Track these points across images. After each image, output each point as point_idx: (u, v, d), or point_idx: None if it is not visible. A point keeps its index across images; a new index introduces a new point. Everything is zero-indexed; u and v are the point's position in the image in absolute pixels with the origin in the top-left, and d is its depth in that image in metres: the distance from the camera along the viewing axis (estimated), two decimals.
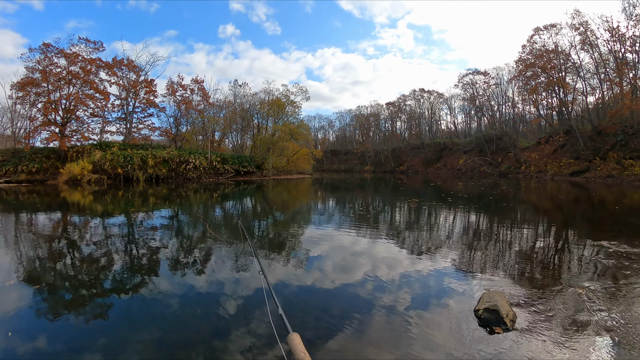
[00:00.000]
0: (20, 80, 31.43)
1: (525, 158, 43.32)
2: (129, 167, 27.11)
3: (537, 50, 41.55)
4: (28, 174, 28.57)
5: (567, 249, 6.15)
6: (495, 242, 6.56)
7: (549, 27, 40.58)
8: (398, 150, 69.04)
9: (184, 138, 40.89)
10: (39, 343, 2.83)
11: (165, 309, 3.53)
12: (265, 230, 8.26)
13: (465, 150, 55.85)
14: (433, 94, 67.72)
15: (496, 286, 3.98)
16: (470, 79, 56.91)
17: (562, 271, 4.74)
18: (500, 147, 49.75)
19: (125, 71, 37.22)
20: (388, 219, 9.76)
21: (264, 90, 46.88)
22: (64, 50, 31.37)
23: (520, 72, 44.36)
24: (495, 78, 55.69)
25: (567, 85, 40.44)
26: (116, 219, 10.67)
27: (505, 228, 8.18)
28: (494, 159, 49.22)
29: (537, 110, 47.58)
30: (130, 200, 15.36)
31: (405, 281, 4.28)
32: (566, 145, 38.40)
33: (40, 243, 6.82)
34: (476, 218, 9.65)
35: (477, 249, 5.94)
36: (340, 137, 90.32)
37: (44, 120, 31.19)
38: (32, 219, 10.48)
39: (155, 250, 6.11)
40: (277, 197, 17.30)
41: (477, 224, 8.66)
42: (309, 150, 45.29)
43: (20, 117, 39.50)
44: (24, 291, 4.06)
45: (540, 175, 37.75)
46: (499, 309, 3.04)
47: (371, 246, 6.24)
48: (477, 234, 7.44)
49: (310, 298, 3.81)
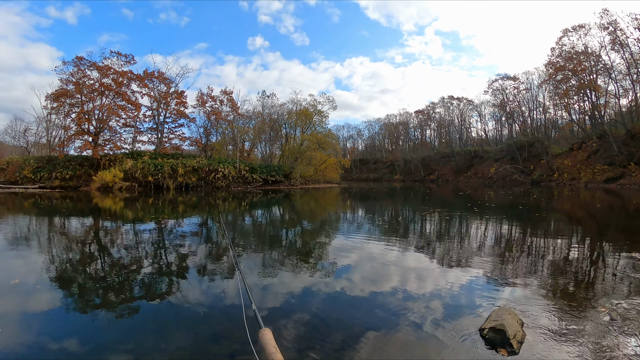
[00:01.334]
0: (55, 91, 32.44)
1: (557, 165, 41.58)
2: (160, 176, 27.35)
3: (566, 52, 40.09)
4: (62, 181, 29.33)
5: (597, 262, 5.54)
6: (520, 255, 6.01)
7: (578, 28, 39.15)
8: (428, 159, 67.70)
9: (213, 148, 41.21)
10: (66, 343, 2.83)
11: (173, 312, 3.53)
12: (292, 239, 7.98)
13: (496, 158, 54.32)
14: (462, 100, 66.54)
15: (514, 302, 3.63)
16: (500, 84, 55.41)
17: (588, 287, 4.22)
18: (532, 154, 48.13)
19: (156, 83, 37.99)
20: (411, 229, 9.21)
21: (292, 101, 46.91)
22: (97, 63, 32.29)
23: (550, 76, 42.88)
24: (525, 83, 54.06)
25: (599, 87, 38.77)
26: (146, 225, 10.46)
27: (533, 239, 7.56)
28: (525, 166, 47.52)
29: (568, 115, 45.78)
30: (159, 207, 15.18)
31: (415, 294, 3.96)
32: (599, 150, 36.57)
33: (72, 246, 6.85)
34: (503, 229, 9.00)
35: (499, 262, 5.43)
36: (369, 146, 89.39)
37: (78, 129, 32.01)
38: (65, 223, 10.44)
39: (181, 256, 6.02)
40: (304, 206, 16.75)
41: (503, 235, 8.05)
42: (336, 160, 44.54)
43: (54, 127, 40.72)
44: (54, 292, 4.11)
45: (573, 182, 36.13)
46: (505, 329, 2.75)
47: (391, 256, 5.81)
48: (502, 245, 6.90)
49: (311, 305, 3.65)
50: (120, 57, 34.14)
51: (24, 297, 3.93)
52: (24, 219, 11.47)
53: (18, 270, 5.08)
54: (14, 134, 55.24)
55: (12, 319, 3.34)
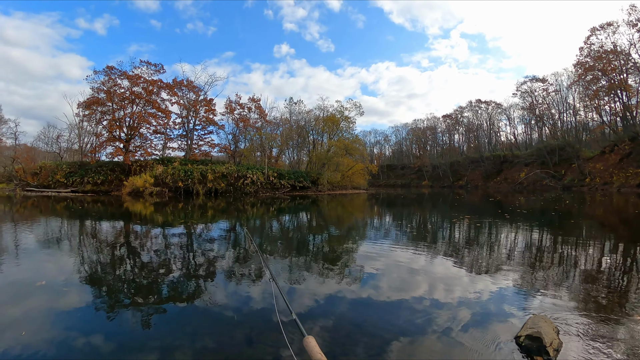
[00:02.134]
0: (87, 99, 33.44)
1: (589, 169, 39.52)
2: (189, 181, 27.47)
3: (595, 52, 38.22)
4: (93, 185, 30.08)
5: (632, 269, 5.30)
6: (552, 262, 5.73)
7: (606, 26, 37.27)
8: (456, 164, 65.84)
9: (242, 154, 41.38)
10: (94, 341, 2.87)
11: (193, 313, 3.54)
12: (320, 245, 7.79)
13: (526, 162, 52.13)
14: (491, 104, 64.46)
15: (548, 309, 3.53)
16: (529, 86, 53.46)
17: (623, 295, 4.06)
18: (563, 158, 46.06)
19: (185, 91, 38.71)
20: (439, 236, 8.84)
21: (318, 107, 46.51)
22: (127, 73, 33.08)
23: (580, 77, 41.12)
24: (554, 84, 51.99)
25: (630, 87, 36.86)
26: (177, 229, 10.30)
27: (565, 246, 7.20)
28: (556, 171, 45.46)
29: (599, 117, 43.87)
30: (189, 212, 14.93)
31: (450, 301, 3.82)
32: (632, 153, 34.55)
33: (102, 248, 6.91)
34: (534, 236, 8.57)
35: (531, 269, 5.22)
36: (397, 152, 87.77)
37: (109, 136, 32.81)
38: (96, 226, 10.37)
39: (208, 260, 5.98)
40: (331, 212, 16.23)
41: (534, 242, 7.67)
42: (364, 166, 43.71)
43: (86, 133, 42.22)
44: (83, 292, 4.14)
45: (605, 187, 34.31)
46: (542, 336, 2.71)
47: (421, 263, 5.64)
48: (534, 253, 6.57)
49: (342, 312, 3.55)
50: (150, 67, 34.94)
51: (54, 297, 3.93)
52: (56, 222, 11.41)
53: (49, 271, 5.10)
54: (47, 140, 57.96)
55: (42, 318, 3.32)
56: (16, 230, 9.25)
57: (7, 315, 3.36)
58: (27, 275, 4.80)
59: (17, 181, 34.66)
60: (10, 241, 7.70)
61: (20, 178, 34.83)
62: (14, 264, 5.47)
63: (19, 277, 4.70)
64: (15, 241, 7.66)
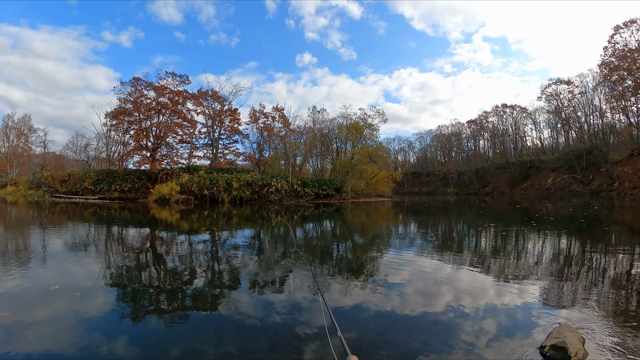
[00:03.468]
0: (114, 110, 34.29)
1: (618, 173, 38.12)
2: (215, 189, 27.57)
3: (619, 50, 36.90)
4: (120, 192, 30.67)
5: None
6: (580, 271, 5.62)
7: (629, 24, 35.93)
8: (482, 171, 64.22)
9: (266, 162, 41.52)
10: (118, 344, 2.89)
11: (227, 322, 3.45)
12: (344, 253, 7.66)
13: (553, 167, 50.53)
14: (516, 108, 62.59)
15: (574, 319, 3.46)
16: (554, 89, 51.57)
17: None
18: (591, 163, 44.66)
19: (210, 101, 39.21)
20: (465, 244, 8.56)
21: (342, 115, 46.08)
22: (153, 84, 33.77)
23: (605, 77, 39.72)
24: (579, 86, 49.90)
25: None
26: (201, 236, 10.26)
27: (593, 255, 6.95)
28: (584, 175, 43.91)
29: (627, 118, 42.18)
30: (214, 220, 14.80)
31: (475, 310, 3.74)
32: None
33: (129, 253, 6.97)
34: (562, 244, 8.32)
35: (558, 278, 5.08)
36: (421, 159, 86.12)
37: (136, 145, 33.51)
38: (123, 232, 10.43)
39: (230, 267, 5.96)
40: (355, 220, 15.86)
41: (562, 251, 7.42)
42: (388, 173, 42.91)
43: (114, 142, 43.21)
44: (109, 296, 4.20)
45: (635, 192, 33.09)
46: (567, 347, 2.65)
47: (446, 272, 5.53)
48: (561, 261, 6.34)
49: (366, 320, 3.51)
50: (175, 78, 35.56)
51: (80, 300, 3.98)
52: (84, 227, 11.39)
53: (76, 275, 5.23)
54: (75, 149, 60.50)
55: (68, 320, 3.38)
56: (44, 235, 9.25)
57: (32, 320, 3.38)
58: (55, 279, 4.86)
59: (46, 188, 35.79)
60: (39, 245, 7.72)
61: (49, 185, 35.96)
62: (43, 267, 5.56)
63: (44, 282, 4.72)
64: (44, 245, 7.71)
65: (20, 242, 8.35)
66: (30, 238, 8.92)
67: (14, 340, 2.92)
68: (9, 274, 5.07)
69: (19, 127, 58.65)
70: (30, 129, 58.87)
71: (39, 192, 36.50)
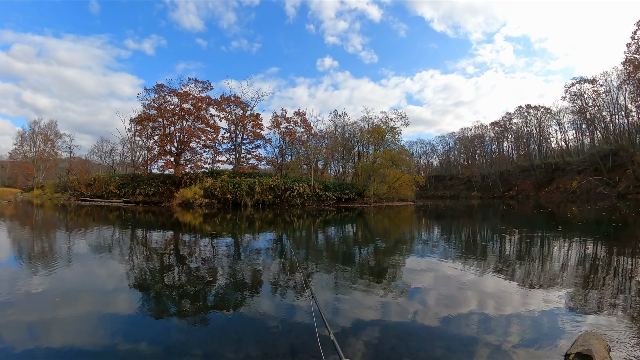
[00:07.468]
0: (138, 115, 35.09)
1: None
2: (238, 193, 27.68)
3: None
4: (145, 196, 31.23)
5: None
6: (606, 277, 5.41)
7: None
8: (506, 174, 62.18)
9: (288, 167, 41.45)
10: (140, 344, 2.96)
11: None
12: (365, 257, 7.55)
13: (578, 169, 48.39)
14: (540, 109, 60.20)
15: (600, 327, 3.34)
16: (578, 88, 49.42)
17: None
18: (617, 164, 42.76)
19: (233, 107, 39.59)
20: (489, 250, 8.29)
21: (363, 119, 45.64)
22: (176, 90, 34.35)
23: (630, 75, 38.02)
24: (604, 85, 47.54)
25: None
26: (223, 240, 10.19)
27: (620, 260, 6.70)
28: (610, 177, 42.00)
29: None
30: (237, 223, 14.72)
31: (499, 317, 3.67)
32: None
33: (153, 256, 7.10)
34: (588, 249, 8.02)
35: (584, 285, 4.93)
36: (444, 162, 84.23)
37: (161, 150, 34.05)
38: (148, 235, 10.52)
39: (253, 270, 5.94)
40: (378, 224, 15.48)
41: (588, 256, 7.16)
42: (410, 177, 42.12)
43: (138, 147, 44.11)
44: (132, 297, 4.29)
45: None
46: (592, 354, 2.60)
47: (470, 278, 5.36)
48: (587, 267, 6.15)
49: (386, 327, 3.41)
50: (198, 84, 36.09)
51: (104, 300, 4.12)
52: (108, 230, 11.49)
53: (101, 276, 5.35)
54: (101, 154, 62.29)
55: (93, 320, 3.50)
56: (70, 237, 9.35)
57: (60, 317, 3.58)
58: (80, 280, 5.07)
59: (72, 191, 36.87)
60: (65, 247, 7.82)
61: (74, 188, 37.03)
62: (70, 268, 5.72)
63: (71, 283, 4.84)
64: (69, 247, 7.84)
65: (46, 244, 8.45)
66: (57, 240, 9.02)
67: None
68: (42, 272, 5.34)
69: (45, 132, 60.66)
70: (57, 134, 60.89)
71: (65, 195, 37.63)
